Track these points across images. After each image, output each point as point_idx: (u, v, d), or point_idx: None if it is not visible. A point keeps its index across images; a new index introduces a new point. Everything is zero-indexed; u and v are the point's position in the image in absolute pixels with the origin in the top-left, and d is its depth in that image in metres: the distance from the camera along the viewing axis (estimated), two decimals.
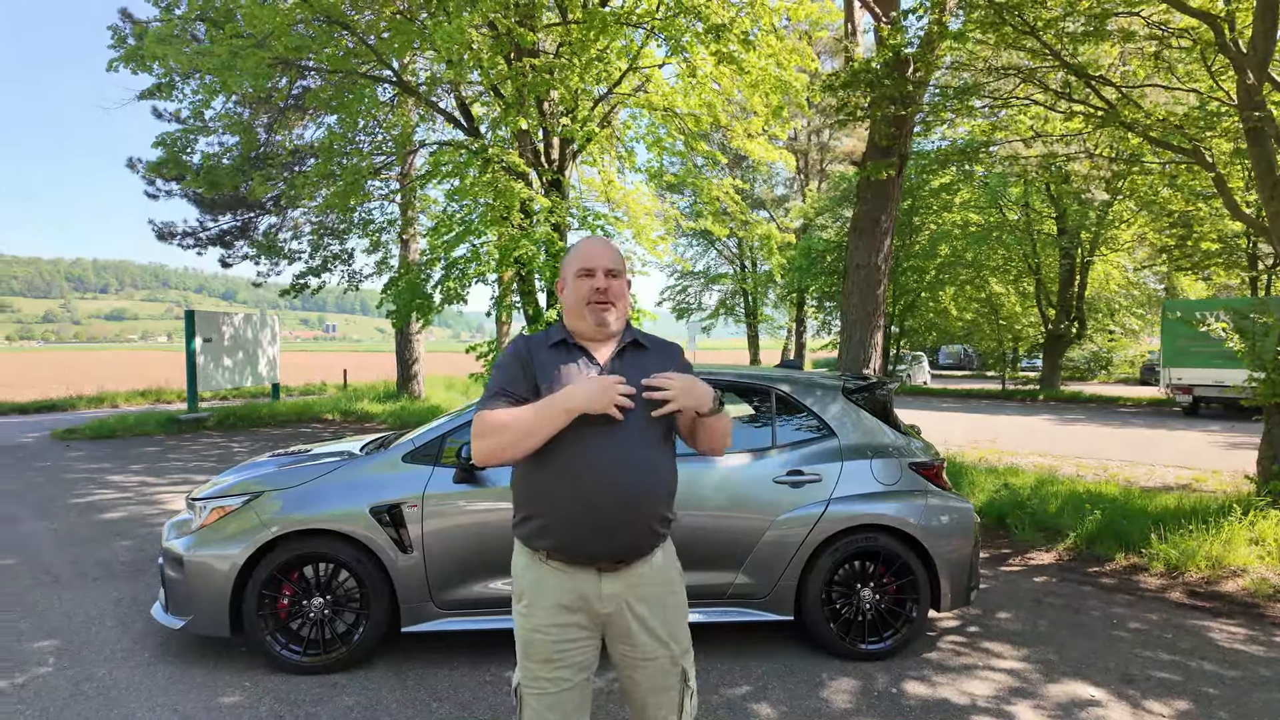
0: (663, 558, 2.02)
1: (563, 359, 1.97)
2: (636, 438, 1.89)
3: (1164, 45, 7.41)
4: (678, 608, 2.03)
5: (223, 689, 3.50)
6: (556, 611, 1.91)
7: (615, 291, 1.99)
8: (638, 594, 1.95)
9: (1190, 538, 5.53)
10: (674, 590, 2.03)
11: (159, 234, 18.31)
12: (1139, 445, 12.14)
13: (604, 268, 1.99)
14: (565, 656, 1.92)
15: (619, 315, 2.01)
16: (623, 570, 1.93)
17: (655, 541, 1.97)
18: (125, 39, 10.58)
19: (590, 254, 2.01)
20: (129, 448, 11.33)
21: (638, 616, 1.95)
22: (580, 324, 2.00)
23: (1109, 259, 24.31)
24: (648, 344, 2.06)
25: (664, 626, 1.98)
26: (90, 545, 5.96)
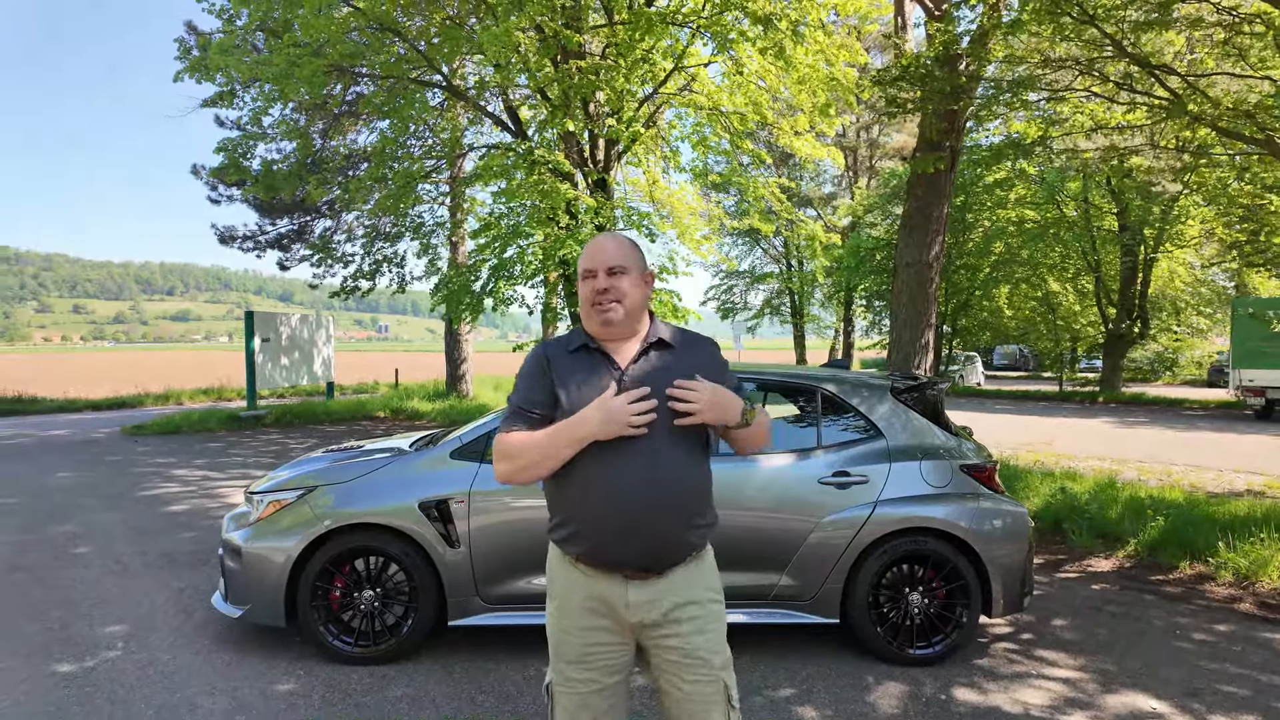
0: (699, 566, 1.92)
1: (582, 365, 1.91)
2: (662, 443, 1.81)
3: (1234, 31, 7.08)
4: (715, 619, 1.91)
5: (278, 677, 3.61)
6: (585, 614, 1.88)
7: (620, 289, 1.89)
8: (670, 603, 1.86)
9: (1262, 546, 5.28)
10: (712, 600, 1.92)
11: (221, 238, 18.99)
12: (1206, 449, 11.63)
13: (605, 266, 1.89)
14: (594, 659, 1.88)
15: (628, 314, 1.90)
16: (652, 579, 1.85)
17: (686, 550, 1.87)
18: (190, 50, 11.03)
19: (592, 253, 1.92)
20: (192, 443, 11.78)
21: (670, 627, 1.86)
22: (591, 326, 1.93)
23: (1174, 256, 23.32)
24: (675, 341, 1.96)
25: (700, 638, 1.87)
26: (156, 536, 6.21)
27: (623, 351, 1.93)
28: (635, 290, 1.92)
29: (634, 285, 1.92)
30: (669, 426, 1.82)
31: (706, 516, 1.92)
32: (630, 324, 1.92)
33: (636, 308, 1.93)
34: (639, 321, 1.95)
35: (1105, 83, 7.58)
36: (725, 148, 11.35)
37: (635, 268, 1.93)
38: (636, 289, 1.93)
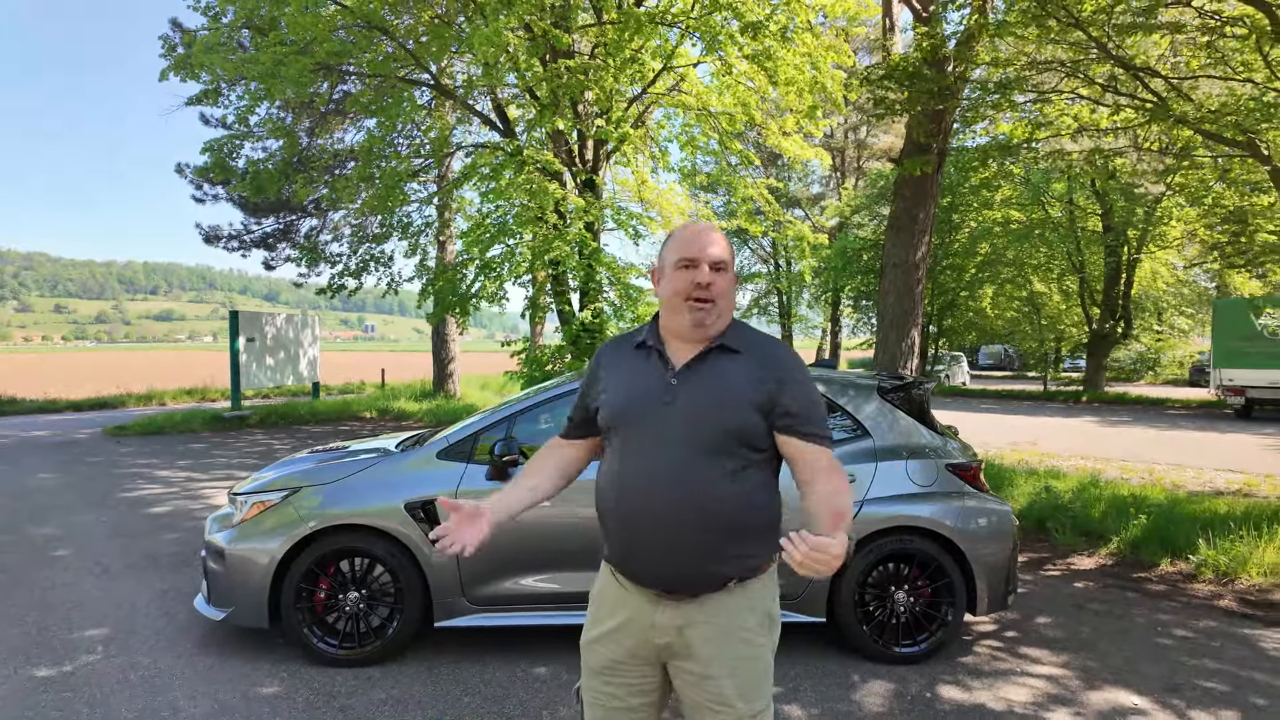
0: (744, 596, 1.72)
1: (636, 363, 1.78)
2: (698, 457, 1.65)
3: (1217, 35, 7.16)
4: (753, 660, 1.71)
5: (261, 679, 3.58)
6: (613, 629, 1.77)
7: (720, 288, 1.70)
8: (697, 631, 1.70)
9: (1242, 544, 5.34)
10: (750, 640, 1.71)
11: (205, 237, 18.84)
12: (1188, 448, 11.76)
13: (711, 259, 1.69)
14: (617, 675, 1.77)
15: (721, 315, 1.72)
16: (684, 602, 1.70)
17: (717, 578, 1.69)
18: (175, 48, 10.92)
19: (695, 241, 1.71)
20: (175, 444, 11.67)
21: (698, 659, 1.70)
22: (675, 322, 1.73)
23: (1157, 256, 23.58)
24: (740, 347, 1.74)
25: (730, 679, 1.69)
26: (138, 537, 6.15)
27: (681, 352, 1.76)
28: (731, 292, 1.75)
29: (731, 285, 1.75)
30: (709, 439, 1.66)
31: (750, 546, 1.70)
32: (719, 326, 1.74)
33: (728, 313, 1.75)
34: (725, 323, 1.75)
35: (1091, 85, 7.65)
36: (714, 148, 11.38)
37: (732, 266, 1.77)
38: (732, 291, 1.77)
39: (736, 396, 1.69)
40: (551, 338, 12.50)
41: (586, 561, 3.76)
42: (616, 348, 1.87)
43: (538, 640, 4.03)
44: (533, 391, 4.34)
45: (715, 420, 1.67)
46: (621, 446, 1.75)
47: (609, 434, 1.80)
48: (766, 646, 1.76)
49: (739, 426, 1.67)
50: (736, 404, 1.68)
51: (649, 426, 1.70)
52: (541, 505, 3.90)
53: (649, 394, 1.73)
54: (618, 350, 1.86)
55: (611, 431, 1.78)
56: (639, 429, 1.72)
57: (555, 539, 3.79)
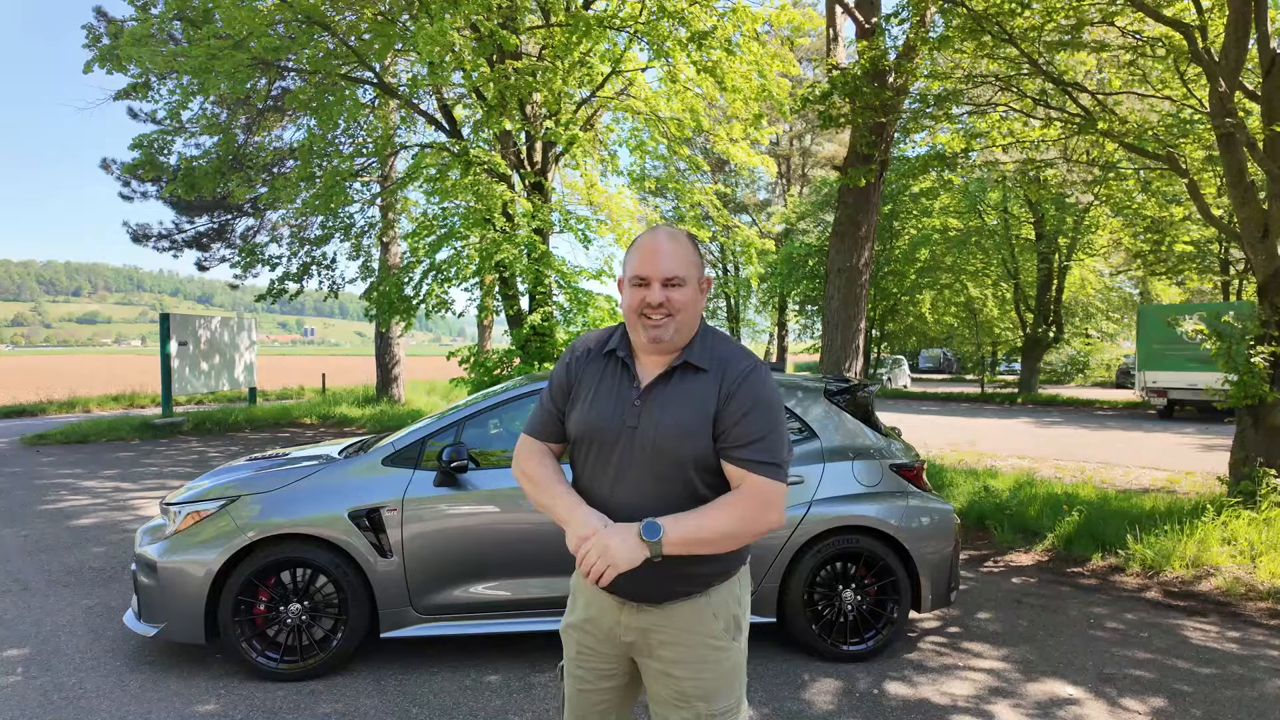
0: (703, 607, 1.72)
1: (605, 375, 1.75)
2: (646, 482, 1.65)
3: (1138, 54, 7.54)
4: (716, 664, 1.71)
5: (197, 697, 3.43)
6: (584, 620, 1.81)
7: (677, 303, 1.65)
8: (660, 635, 1.72)
9: (1166, 538, 5.61)
10: (715, 645, 1.71)
11: (134, 236, 18.07)
12: (1116, 447, 12.31)
13: (661, 277, 1.64)
14: (586, 661, 1.82)
15: (680, 328, 1.67)
16: (647, 609, 1.72)
17: (675, 593, 1.70)
18: (100, 38, 10.45)
19: (645, 256, 1.67)
20: (102, 453, 11.13)
21: (661, 660, 1.73)
22: (634, 336, 1.73)
23: (1085, 264, 24.68)
24: (707, 364, 1.69)
25: (693, 680, 1.70)
26: (61, 552, 5.84)
27: (649, 368, 1.73)
28: (692, 303, 1.68)
29: (691, 298, 1.68)
30: (668, 467, 1.65)
31: (700, 566, 1.69)
32: (680, 340, 1.70)
33: (690, 323, 1.70)
34: (689, 334, 1.72)
35: (1023, 99, 7.96)
36: (662, 153, 11.44)
37: (694, 276, 1.69)
38: (694, 302, 1.69)
39: (696, 422, 1.65)
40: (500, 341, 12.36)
41: (537, 568, 3.72)
42: (588, 352, 1.82)
43: (488, 649, 3.97)
44: (481, 396, 4.28)
45: (674, 449, 1.64)
46: (583, 462, 1.77)
47: (573, 447, 1.81)
48: (732, 649, 1.75)
49: (698, 455, 1.65)
50: (696, 431, 1.64)
51: (612, 448, 1.69)
52: (490, 512, 3.88)
53: (614, 415, 1.70)
54: (589, 355, 1.81)
55: (577, 446, 1.79)
56: (602, 449, 1.71)
57: (505, 546, 3.74)
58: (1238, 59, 6.04)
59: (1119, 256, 24.62)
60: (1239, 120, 6.11)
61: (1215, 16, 6.77)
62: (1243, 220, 6.48)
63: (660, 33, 8.93)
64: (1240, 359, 6.45)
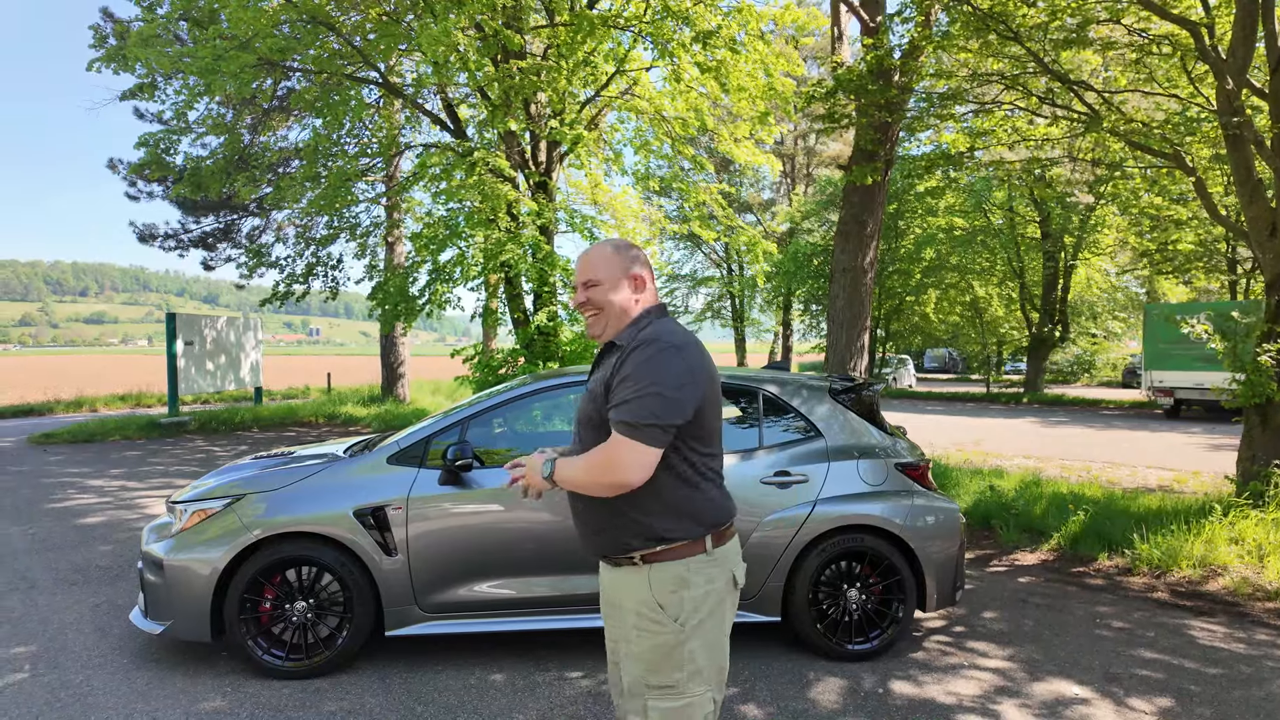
0: (641, 582, 1.89)
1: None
2: (582, 443, 1.99)
3: (1145, 52, 7.51)
4: (653, 637, 1.87)
5: (203, 695, 3.45)
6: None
7: (597, 300, 1.99)
8: (609, 596, 2.03)
9: (1173, 538, 5.58)
10: (650, 616, 1.87)
11: (140, 236, 18.12)
12: (1122, 447, 12.26)
13: (580, 280, 2.03)
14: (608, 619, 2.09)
15: (610, 321, 1.99)
16: (609, 568, 2.01)
17: (616, 546, 1.93)
18: (106, 38, 10.49)
19: (577, 267, 2.07)
20: (108, 452, 11.17)
21: (609, 617, 2.06)
22: None
23: (1091, 263, 24.58)
24: (624, 343, 1.96)
25: (625, 644, 1.96)
26: (68, 550, 5.86)
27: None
28: (613, 296, 1.99)
29: (610, 293, 1.99)
30: (585, 425, 1.97)
31: (632, 528, 1.89)
32: (611, 333, 2.01)
33: (619, 315, 1.99)
34: (623, 324, 2.00)
35: (1029, 97, 7.93)
36: (667, 152, 11.42)
37: (612, 276, 1.99)
38: (615, 295, 1.99)
39: (599, 388, 1.93)
40: (505, 341, 12.37)
41: (541, 567, 3.73)
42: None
43: (492, 647, 3.97)
44: (486, 395, 4.29)
45: (585, 411, 1.98)
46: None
47: None
48: (669, 631, 1.86)
49: (592, 414, 1.94)
50: (597, 395, 1.93)
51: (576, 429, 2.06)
52: (494, 511, 3.88)
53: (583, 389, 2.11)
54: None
55: None
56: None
57: (510, 545, 3.74)
58: (1245, 56, 6.01)
59: (1125, 255, 24.51)
60: (1246, 118, 6.08)
61: (1222, 14, 6.73)
62: (1250, 219, 6.45)
63: (665, 32, 8.92)
64: (1247, 358, 6.41)
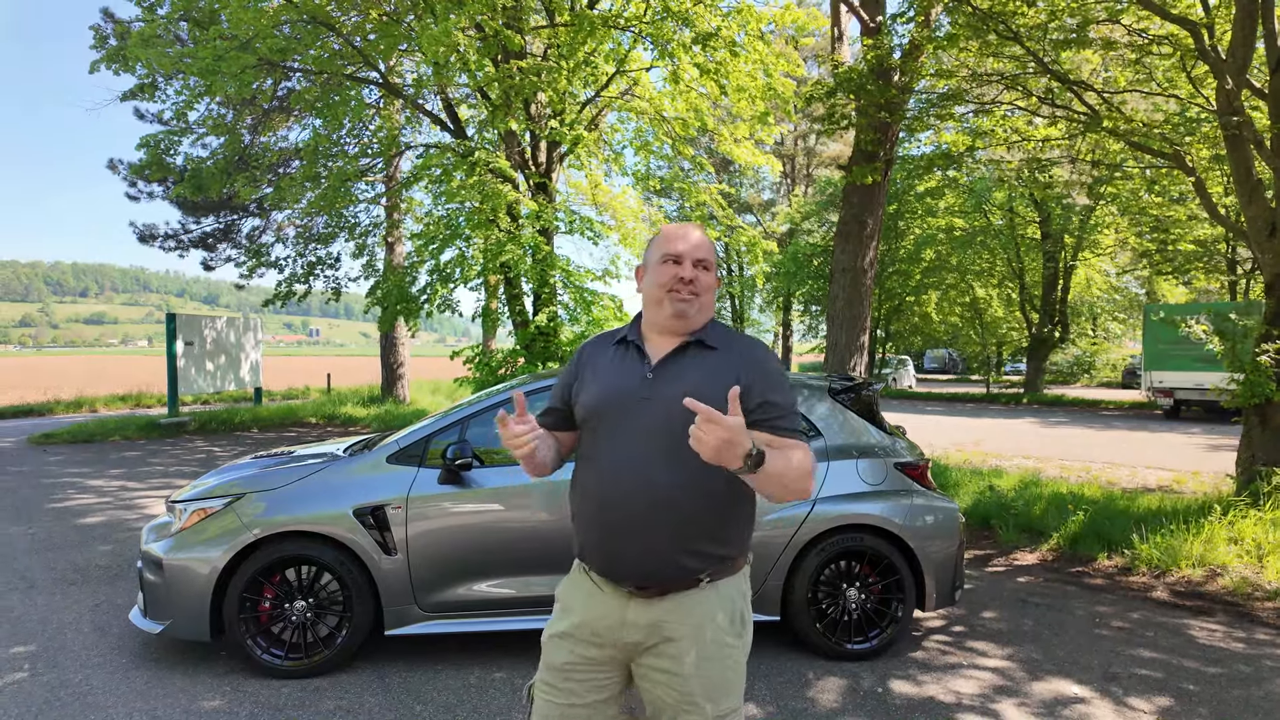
0: (711, 600, 1.73)
1: (615, 358, 1.83)
2: (662, 456, 1.67)
3: (1144, 52, 7.51)
4: (722, 660, 1.71)
5: (202, 694, 3.45)
6: (578, 626, 1.77)
7: (704, 284, 1.78)
8: (667, 631, 1.70)
9: (1172, 538, 5.58)
10: (721, 639, 1.72)
11: (140, 237, 18.12)
12: (1121, 447, 12.26)
13: (695, 256, 1.77)
14: (577, 673, 1.76)
15: (702, 310, 1.79)
16: (655, 600, 1.71)
17: (683, 576, 1.70)
18: (107, 39, 10.50)
19: (677, 236, 1.80)
20: (108, 452, 11.18)
21: (668, 656, 1.70)
22: (657, 314, 1.79)
23: (1091, 263, 24.59)
24: (717, 342, 1.79)
25: (699, 678, 1.69)
26: (67, 550, 5.86)
27: (660, 347, 1.81)
28: (713, 290, 1.83)
29: (714, 284, 1.83)
30: (673, 440, 1.64)
31: (713, 545, 1.72)
32: (699, 321, 1.81)
33: (709, 308, 1.83)
34: (705, 320, 1.83)
35: (1029, 97, 7.94)
36: (667, 153, 11.43)
37: (714, 266, 1.84)
38: (714, 289, 1.84)
39: (713, 390, 1.66)
40: (505, 341, 12.38)
41: (541, 566, 3.73)
42: (598, 344, 1.91)
43: (492, 646, 3.97)
44: (485, 394, 4.29)
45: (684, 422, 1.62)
46: (598, 441, 1.77)
47: (586, 429, 1.82)
48: (738, 647, 1.76)
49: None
50: (712, 397, 1.63)
51: (626, 421, 1.73)
52: (494, 510, 3.88)
53: (626, 388, 1.75)
54: (599, 347, 1.90)
55: (588, 426, 1.80)
56: (616, 423, 1.74)
57: (509, 544, 3.74)
58: (1245, 56, 6.01)
59: (1125, 256, 24.52)
60: (1246, 118, 6.08)
61: (1222, 14, 6.74)
62: (1250, 219, 6.45)
63: (665, 33, 8.92)
64: (1246, 358, 6.42)
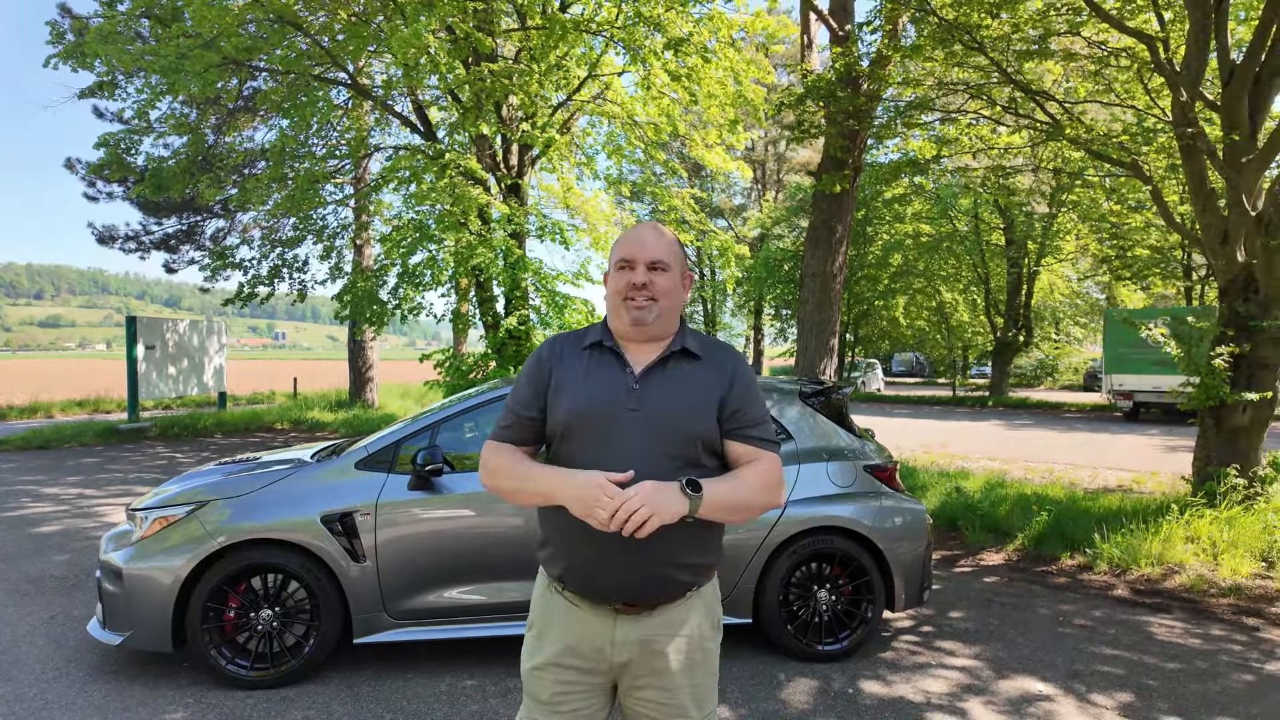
0: (697, 608, 1.73)
1: (592, 365, 1.72)
2: (653, 464, 1.61)
3: (1104, 64, 7.72)
4: (707, 666, 1.74)
5: (164, 707, 3.36)
6: (562, 651, 1.70)
7: (661, 288, 1.70)
8: (660, 643, 1.68)
9: (1132, 537, 5.73)
10: (706, 646, 1.74)
11: (99, 238, 17.69)
12: (1083, 449, 12.54)
13: (647, 260, 1.70)
14: (566, 702, 1.70)
15: (663, 314, 1.71)
16: (643, 615, 1.67)
17: (672, 590, 1.67)
18: (64, 34, 10.24)
19: (631, 241, 1.72)
20: (65, 459, 10.86)
21: (659, 672, 1.68)
22: (617, 322, 1.74)
23: (1054, 269, 25.14)
24: (700, 351, 1.74)
25: (689, 688, 1.70)
26: (21, 560, 5.68)
27: (641, 355, 1.73)
28: (675, 291, 1.74)
29: (674, 285, 1.74)
30: (676, 446, 1.64)
31: (695, 555, 1.69)
32: (662, 327, 1.73)
33: (671, 310, 1.74)
34: (671, 325, 1.76)
35: (993, 106, 8.11)
36: (639, 157, 11.45)
37: (677, 265, 1.75)
38: (676, 290, 1.75)
39: (702, 401, 1.68)
40: (476, 345, 12.28)
41: (513, 572, 3.70)
42: (564, 348, 1.78)
43: (463, 654, 3.94)
44: (456, 399, 4.25)
45: (682, 426, 1.65)
46: (578, 452, 1.66)
47: (562, 440, 1.70)
48: (716, 651, 1.79)
49: (705, 432, 1.67)
50: (702, 409, 1.67)
51: (612, 432, 1.64)
52: (465, 515, 3.85)
53: (612, 398, 1.67)
54: (566, 351, 1.77)
55: (565, 436, 1.69)
56: (600, 434, 1.65)
57: (480, 550, 3.71)
58: (1198, 69, 6.20)
59: (1086, 262, 25.13)
60: (1200, 129, 6.27)
61: (1176, 28, 6.94)
62: (1204, 226, 6.65)
63: (636, 38, 8.95)
64: (1201, 361, 6.61)
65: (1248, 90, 6.13)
